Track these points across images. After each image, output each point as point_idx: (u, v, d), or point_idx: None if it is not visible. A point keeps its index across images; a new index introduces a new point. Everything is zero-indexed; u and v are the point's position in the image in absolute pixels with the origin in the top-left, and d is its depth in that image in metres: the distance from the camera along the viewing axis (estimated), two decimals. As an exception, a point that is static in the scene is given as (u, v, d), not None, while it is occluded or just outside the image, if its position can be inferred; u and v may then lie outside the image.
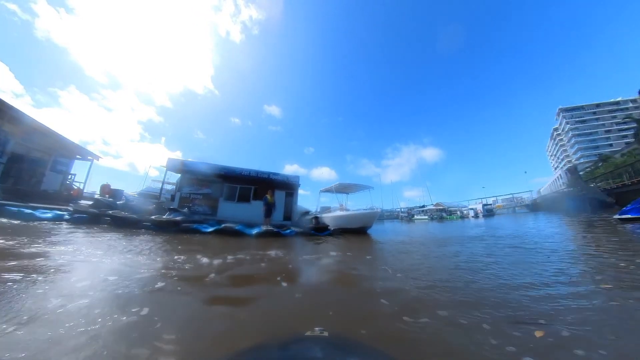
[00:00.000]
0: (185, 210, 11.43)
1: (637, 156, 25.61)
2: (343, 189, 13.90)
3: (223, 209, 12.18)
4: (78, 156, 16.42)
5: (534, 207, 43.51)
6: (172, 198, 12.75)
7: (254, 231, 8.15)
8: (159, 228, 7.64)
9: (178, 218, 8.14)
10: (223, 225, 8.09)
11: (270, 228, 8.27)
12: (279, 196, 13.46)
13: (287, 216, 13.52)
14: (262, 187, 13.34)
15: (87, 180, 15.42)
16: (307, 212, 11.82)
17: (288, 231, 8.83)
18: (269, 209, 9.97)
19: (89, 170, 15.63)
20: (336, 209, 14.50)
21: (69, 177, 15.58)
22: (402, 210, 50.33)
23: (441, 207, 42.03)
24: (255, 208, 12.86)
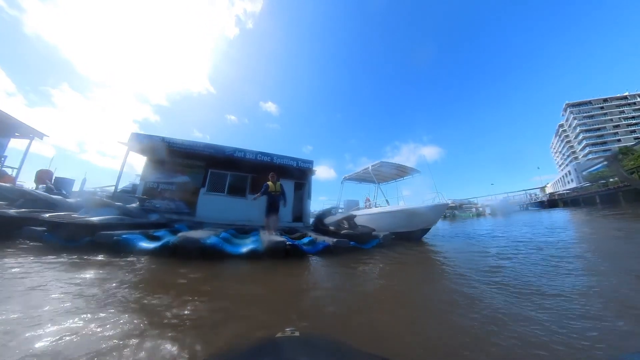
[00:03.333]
0: (151, 204, 7.68)
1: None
2: (378, 174, 10.06)
3: (205, 205, 8.43)
4: (17, 134, 12.42)
5: (549, 204, 41.10)
6: (134, 190, 8.90)
7: (245, 247, 4.39)
8: (58, 239, 3.91)
9: (97, 219, 4.37)
10: (180, 236, 4.09)
11: (277, 238, 4.56)
12: (287, 187, 9.75)
13: (298, 216, 9.84)
14: (263, 175, 9.59)
15: (23, 165, 11.39)
16: (329, 211, 8.19)
17: (307, 244, 5.00)
18: (273, 202, 5.89)
19: (26, 151, 11.61)
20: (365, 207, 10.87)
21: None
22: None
23: (452, 205, 38.92)
24: (252, 205, 9.13)
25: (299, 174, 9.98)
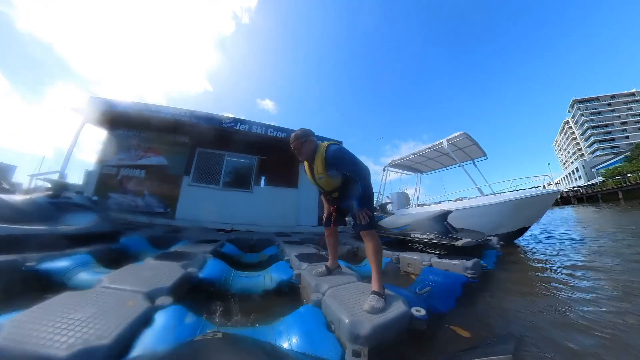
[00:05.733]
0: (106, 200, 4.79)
1: None
2: (437, 157, 7.21)
3: (189, 202, 5.61)
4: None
5: (562, 201, 39.31)
6: (87, 178, 6.03)
7: (260, 280, 1.91)
8: None
9: None
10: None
11: (375, 303, 1.35)
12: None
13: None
14: (275, 158, 6.78)
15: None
16: (383, 208, 5.57)
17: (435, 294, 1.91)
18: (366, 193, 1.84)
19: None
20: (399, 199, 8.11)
21: None
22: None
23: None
24: (263, 200, 6.35)
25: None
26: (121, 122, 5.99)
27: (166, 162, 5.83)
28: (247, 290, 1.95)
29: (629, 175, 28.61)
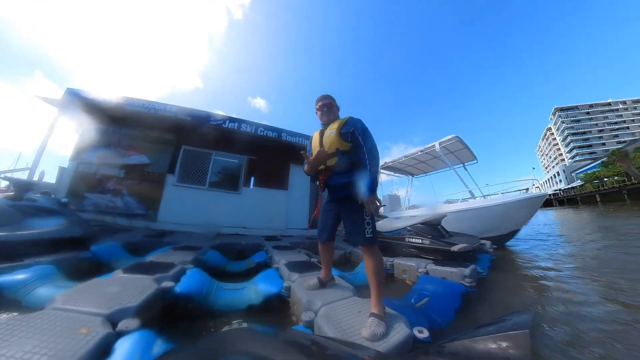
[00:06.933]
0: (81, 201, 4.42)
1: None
2: (429, 160, 7.24)
3: (173, 203, 5.29)
4: None
5: (544, 203, 40.90)
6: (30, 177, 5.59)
7: (246, 292, 1.71)
8: None
9: None
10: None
11: (378, 328, 1.17)
12: (301, 178, 6.76)
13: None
14: (266, 159, 6.57)
15: None
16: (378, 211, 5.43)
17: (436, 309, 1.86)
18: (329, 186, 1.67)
19: None
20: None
21: None
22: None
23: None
24: (252, 202, 6.12)
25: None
26: (101, 117, 5.59)
27: (148, 161, 5.48)
28: (229, 306, 1.74)
29: (605, 179, 30.06)
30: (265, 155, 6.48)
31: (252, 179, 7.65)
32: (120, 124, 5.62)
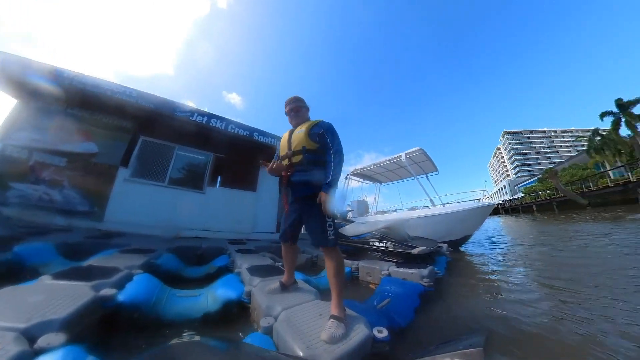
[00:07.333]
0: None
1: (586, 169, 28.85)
2: (396, 169, 7.74)
3: (124, 200, 4.71)
4: None
5: (492, 211, 46.07)
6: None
7: (203, 301, 1.55)
8: None
9: None
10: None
11: (338, 331, 1.17)
12: (271, 183, 6.58)
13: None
14: (234, 159, 6.30)
15: None
16: (343, 217, 5.55)
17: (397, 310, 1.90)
18: (290, 184, 1.65)
19: None
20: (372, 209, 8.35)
21: None
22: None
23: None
24: (217, 203, 5.79)
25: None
26: (41, 92, 4.75)
27: (97, 150, 4.86)
28: (182, 315, 1.60)
29: (540, 192, 35.16)
30: (235, 154, 6.21)
31: (219, 178, 7.26)
32: (67, 103, 4.88)
